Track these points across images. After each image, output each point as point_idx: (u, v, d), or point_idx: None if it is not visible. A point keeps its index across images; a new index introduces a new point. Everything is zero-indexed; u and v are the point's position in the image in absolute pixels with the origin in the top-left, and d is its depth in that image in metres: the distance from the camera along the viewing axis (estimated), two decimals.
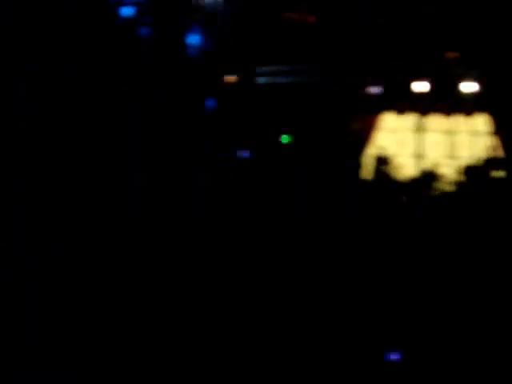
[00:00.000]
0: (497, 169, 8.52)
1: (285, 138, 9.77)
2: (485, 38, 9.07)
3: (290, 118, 9.99)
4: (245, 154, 8.90)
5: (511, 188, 7.06)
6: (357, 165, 9.36)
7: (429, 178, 8.59)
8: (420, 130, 9.77)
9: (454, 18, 9.14)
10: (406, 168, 9.24)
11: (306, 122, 9.88)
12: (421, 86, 9.78)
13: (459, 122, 9.73)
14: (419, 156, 9.60)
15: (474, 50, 9.30)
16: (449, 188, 8.14)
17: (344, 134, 9.56)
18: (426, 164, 9.25)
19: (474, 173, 7.71)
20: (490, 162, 8.68)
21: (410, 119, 9.86)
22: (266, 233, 5.01)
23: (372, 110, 10.10)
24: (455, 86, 9.66)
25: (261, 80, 9.89)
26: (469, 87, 9.70)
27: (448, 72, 9.62)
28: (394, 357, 3.44)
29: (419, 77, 9.82)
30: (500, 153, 9.19)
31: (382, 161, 9.07)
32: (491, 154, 8.90)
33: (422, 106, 9.77)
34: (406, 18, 9.47)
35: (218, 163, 7.89)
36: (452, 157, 9.45)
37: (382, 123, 9.90)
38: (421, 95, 9.79)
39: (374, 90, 10.10)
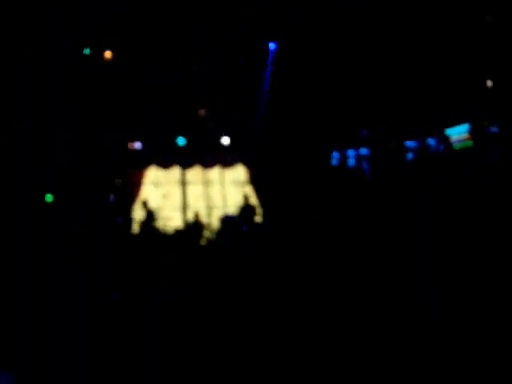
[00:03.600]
0: (252, 215, 9.25)
1: (48, 197, 9.49)
2: (232, 93, 9.88)
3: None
4: None
5: (269, 233, 7.63)
6: (127, 220, 9.44)
7: (194, 227, 9.00)
8: (182, 182, 10.20)
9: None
10: (172, 220, 9.59)
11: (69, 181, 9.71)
12: (181, 141, 10.30)
13: (216, 172, 10.39)
14: (184, 208, 10.03)
15: (223, 107, 10.04)
16: (211, 236, 8.59)
17: (112, 190, 9.59)
18: (190, 215, 9.66)
19: (232, 221, 8.26)
20: (246, 210, 9.35)
21: (173, 173, 10.26)
22: None
23: (137, 164, 10.31)
24: (211, 140, 10.33)
25: None
26: (224, 141, 10.45)
27: (203, 127, 10.22)
28: None
29: (178, 132, 10.34)
30: (254, 200, 9.97)
31: (150, 214, 9.28)
32: (246, 202, 9.57)
33: (183, 159, 10.25)
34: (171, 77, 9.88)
35: None
36: (211, 207, 10.02)
37: (147, 178, 10.15)
38: (182, 149, 10.28)
39: (138, 145, 10.35)
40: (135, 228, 9.32)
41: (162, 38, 9.47)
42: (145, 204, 9.47)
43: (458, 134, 8.66)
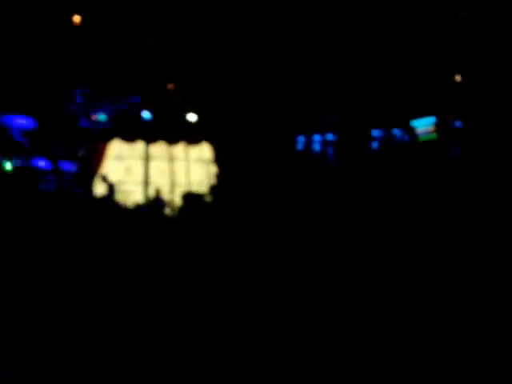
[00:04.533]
0: (217, 194, 9.19)
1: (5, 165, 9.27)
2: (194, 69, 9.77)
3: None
4: None
5: (231, 212, 7.57)
6: (87, 192, 9.29)
7: (154, 203, 8.90)
8: (146, 157, 10.08)
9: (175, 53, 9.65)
10: (133, 194, 9.47)
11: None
12: (147, 115, 10.15)
13: (181, 150, 10.29)
14: (145, 183, 9.92)
15: (191, 82, 9.92)
16: (171, 213, 8.52)
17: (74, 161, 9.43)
18: (151, 190, 9.57)
19: (192, 198, 8.19)
20: (210, 188, 9.30)
21: (137, 147, 10.12)
22: None
23: (101, 137, 10.14)
24: (178, 116, 10.21)
25: None
26: (191, 117, 10.34)
27: (171, 102, 10.10)
28: None
29: (145, 106, 10.18)
30: (219, 179, 9.91)
31: (111, 188, 9.14)
32: (211, 180, 9.54)
33: (148, 134, 10.11)
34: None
35: None
36: (173, 183, 9.94)
37: (110, 151, 9.99)
38: (147, 124, 10.13)
39: (101, 117, 10.16)
40: (95, 200, 9.18)
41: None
42: (106, 177, 9.33)
43: (423, 126, 8.75)
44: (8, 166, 9.46)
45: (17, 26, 8.86)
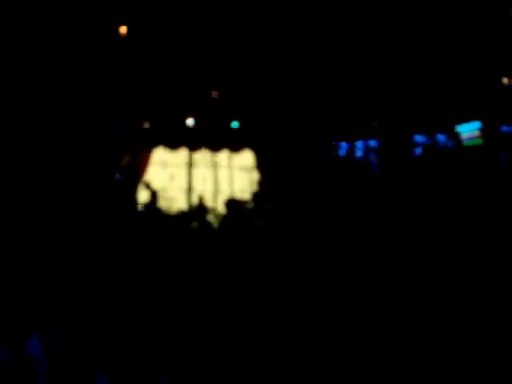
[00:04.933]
0: (260, 201, 9.22)
1: None
2: (244, 78, 9.83)
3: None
4: None
5: (274, 219, 7.59)
6: (131, 199, 9.45)
7: (198, 210, 8.99)
8: (189, 164, 10.21)
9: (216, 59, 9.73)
10: (177, 201, 9.60)
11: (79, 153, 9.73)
12: (190, 122, 10.27)
13: (225, 157, 10.38)
14: (189, 190, 10.04)
15: (235, 91, 9.99)
16: (214, 220, 8.58)
17: (117, 170, 9.60)
18: (195, 197, 9.67)
19: (237, 206, 8.25)
20: (253, 195, 9.34)
21: (180, 154, 10.26)
22: None
23: (145, 145, 10.32)
24: (221, 123, 10.30)
25: None
26: (233, 125, 10.42)
27: (212, 109, 10.19)
28: None
29: (188, 114, 10.31)
30: (262, 186, 9.96)
31: (154, 194, 9.28)
32: (253, 187, 9.58)
33: (192, 141, 10.24)
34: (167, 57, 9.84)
35: None
36: (217, 190, 10.02)
37: (154, 158, 10.16)
38: (190, 131, 10.26)
39: (146, 125, 10.35)
40: (138, 207, 9.33)
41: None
42: (150, 184, 9.47)
43: (469, 130, 8.57)
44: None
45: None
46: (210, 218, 8.80)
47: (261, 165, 10.28)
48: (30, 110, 9.00)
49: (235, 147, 10.43)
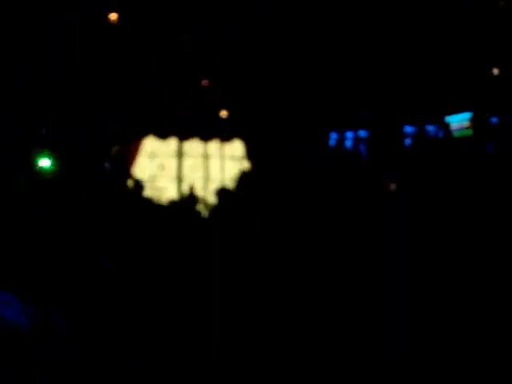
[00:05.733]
0: (249, 191, 9.20)
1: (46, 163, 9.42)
2: (234, 66, 9.79)
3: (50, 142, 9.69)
4: None
5: (265, 209, 7.58)
6: (119, 189, 9.41)
7: (188, 200, 8.97)
8: (180, 154, 10.18)
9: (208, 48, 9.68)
10: (166, 191, 9.58)
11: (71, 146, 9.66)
12: (180, 112, 10.22)
13: (215, 147, 10.36)
14: (179, 179, 10.02)
15: (226, 79, 9.95)
16: (205, 209, 8.57)
17: (106, 159, 9.55)
18: (185, 187, 9.65)
19: (228, 195, 8.23)
20: (243, 185, 9.31)
21: (170, 144, 10.23)
22: None
23: (134, 134, 10.26)
24: (211, 113, 10.26)
25: None
26: (223, 114, 10.39)
27: (203, 99, 10.14)
28: None
29: (178, 103, 10.26)
30: (252, 175, 9.92)
31: (144, 184, 9.25)
32: (244, 176, 9.52)
33: (182, 131, 10.20)
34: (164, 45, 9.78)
35: None
36: (208, 179, 10.01)
37: (144, 148, 10.12)
38: (180, 121, 10.21)
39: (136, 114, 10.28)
40: (128, 196, 9.29)
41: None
42: (139, 174, 9.45)
43: (458, 121, 8.60)
44: (46, 162, 9.61)
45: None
46: (200, 207, 8.79)
47: (251, 154, 10.27)
48: (30, 109, 8.95)
49: (225, 137, 10.41)
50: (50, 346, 2.70)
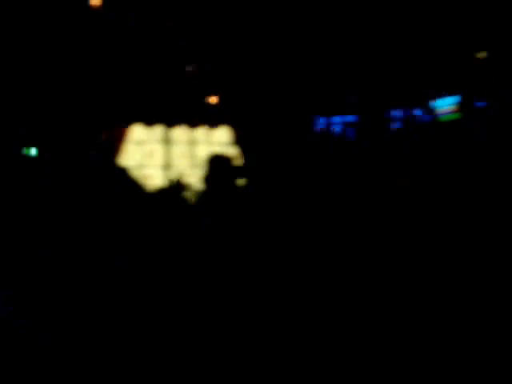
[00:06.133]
0: (237, 177, 9.18)
1: (28, 151, 9.35)
2: (221, 51, 9.72)
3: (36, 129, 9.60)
4: None
5: (251, 196, 7.58)
6: (105, 178, 9.34)
7: (176, 187, 8.92)
8: (166, 141, 10.09)
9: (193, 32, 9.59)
10: (153, 179, 9.50)
11: (54, 133, 9.57)
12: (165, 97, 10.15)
13: (202, 133, 10.28)
14: (166, 167, 9.94)
15: (213, 65, 9.89)
16: (193, 197, 8.52)
17: (92, 147, 9.46)
18: (173, 174, 9.59)
19: (216, 182, 8.18)
20: (231, 171, 9.28)
21: (157, 131, 10.13)
22: None
23: (120, 121, 10.16)
24: (198, 98, 10.21)
25: None
26: (212, 100, 10.34)
27: (190, 84, 10.08)
28: None
29: (164, 88, 10.18)
30: (240, 162, 9.90)
31: (131, 172, 9.18)
32: (232, 163, 9.51)
33: (168, 117, 10.11)
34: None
35: None
36: (195, 166, 9.93)
37: (129, 135, 10.00)
38: (167, 107, 10.13)
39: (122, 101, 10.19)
40: (115, 185, 9.21)
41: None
42: (126, 161, 9.37)
43: (445, 105, 8.61)
44: (33, 151, 9.53)
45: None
46: (188, 194, 8.74)
47: (239, 141, 10.22)
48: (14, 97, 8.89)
49: (213, 123, 10.33)
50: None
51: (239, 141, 10.25)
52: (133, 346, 2.94)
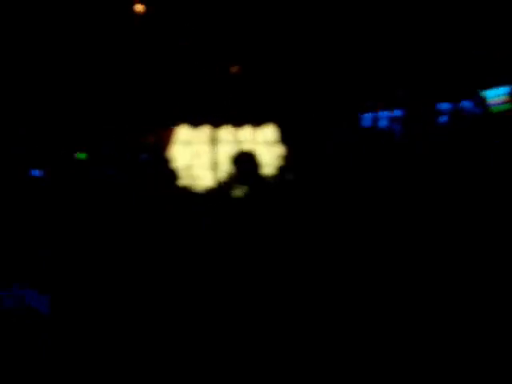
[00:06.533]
0: (287, 176, 9.16)
1: (80, 155, 9.58)
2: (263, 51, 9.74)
3: (86, 134, 9.83)
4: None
5: (301, 194, 7.57)
6: (157, 179, 9.48)
7: (224, 187, 8.98)
8: (213, 141, 10.18)
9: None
10: (202, 179, 9.60)
11: (103, 137, 9.78)
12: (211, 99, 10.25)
13: (248, 132, 10.33)
14: (214, 167, 10.03)
15: (256, 64, 9.92)
16: (242, 195, 8.56)
17: (139, 149, 9.62)
18: (221, 174, 9.67)
19: (266, 181, 8.21)
20: (280, 170, 9.28)
21: (204, 132, 10.23)
22: None
23: (167, 123, 10.31)
24: (243, 98, 10.25)
25: None
26: (256, 99, 10.35)
27: (235, 84, 10.14)
28: None
29: (210, 90, 10.28)
30: (288, 161, 9.88)
31: (179, 173, 9.29)
32: (280, 162, 9.49)
33: (214, 118, 10.20)
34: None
35: None
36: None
37: (176, 136, 10.14)
38: (213, 108, 10.22)
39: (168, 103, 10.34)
40: (163, 186, 9.33)
41: None
42: (174, 163, 9.48)
43: (496, 96, 8.37)
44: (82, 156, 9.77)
45: None
46: (237, 192, 8.80)
47: (285, 139, 10.22)
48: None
49: (258, 122, 10.37)
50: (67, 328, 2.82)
51: (285, 139, 10.26)
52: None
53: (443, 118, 8.16)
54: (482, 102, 8.22)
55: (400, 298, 3.18)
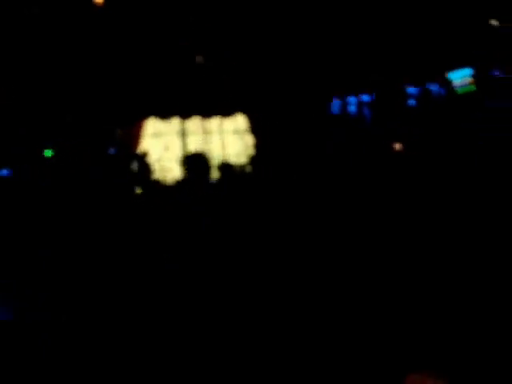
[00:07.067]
0: (253, 164, 9.15)
1: (47, 152, 9.44)
2: (232, 39, 9.68)
3: (52, 130, 9.67)
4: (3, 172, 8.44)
5: (263, 184, 7.56)
6: (127, 173, 9.38)
7: (194, 178, 8.93)
8: (182, 133, 10.09)
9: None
10: (172, 171, 9.52)
11: (70, 135, 9.64)
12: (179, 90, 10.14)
13: (216, 123, 10.27)
14: (183, 158, 9.94)
15: (222, 54, 9.84)
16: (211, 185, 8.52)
17: (109, 144, 9.51)
18: (190, 165, 9.59)
19: (230, 170, 8.18)
20: (249, 159, 9.26)
21: (173, 123, 10.13)
22: None
23: (136, 116, 10.18)
24: (210, 88, 10.16)
25: None
26: (224, 88, 10.27)
27: (201, 74, 10.03)
28: None
29: (177, 81, 10.17)
30: (259, 149, 9.88)
31: (150, 166, 9.20)
32: (249, 151, 9.49)
33: (183, 109, 10.11)
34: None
35: None
36: (211, 157, 9.92)
37: (146, 129, 10.03)
38: (181, 99, 10.12)
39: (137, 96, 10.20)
40: (134, 180, 9.25)
41: None
42: (145, 156, 9.38)
43: (460, 77, 8.47)
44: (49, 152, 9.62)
45: None
46: (204, 185, 8.75)
47: (255, 128, 10.20)
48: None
49: (227, 112, 10.32)
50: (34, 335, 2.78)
51: (254, 128, 10.23)
52: (133, 346, 2.96)
53: (411, 101, 8.22)
54: (447, 84, 8.31)
55: (395, 293, 3.20)
